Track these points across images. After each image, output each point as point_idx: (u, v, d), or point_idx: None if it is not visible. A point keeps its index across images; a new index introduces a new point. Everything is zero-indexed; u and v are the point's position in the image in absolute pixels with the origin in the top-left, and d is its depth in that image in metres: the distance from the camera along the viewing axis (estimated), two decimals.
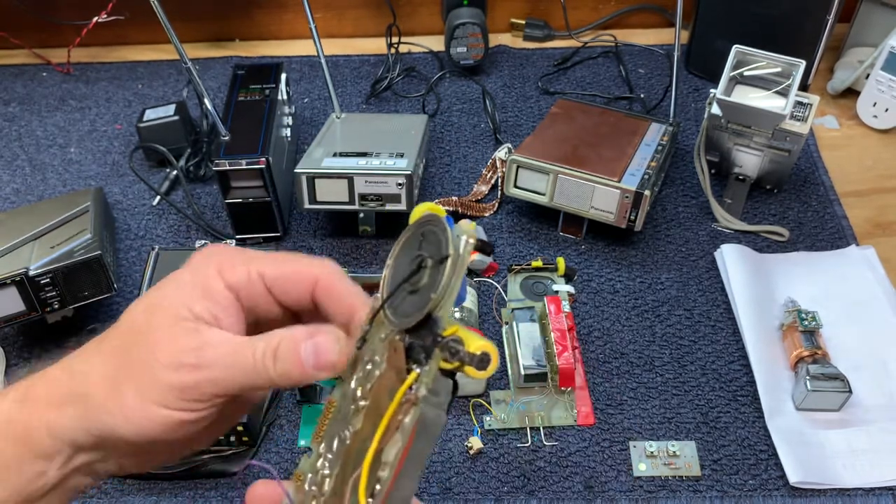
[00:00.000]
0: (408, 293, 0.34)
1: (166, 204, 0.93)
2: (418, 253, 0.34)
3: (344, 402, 0.36)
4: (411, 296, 0.34)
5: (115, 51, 1.16)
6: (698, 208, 0.90)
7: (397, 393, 0.32)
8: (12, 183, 0.97)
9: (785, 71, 0.83)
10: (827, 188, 0.92)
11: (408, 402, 0.32)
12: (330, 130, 0.91)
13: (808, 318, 0.74)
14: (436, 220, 0.35)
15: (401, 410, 0.32)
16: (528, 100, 1.06)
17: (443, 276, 0.33)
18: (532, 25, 1.16)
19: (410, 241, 0.36)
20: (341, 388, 0.37)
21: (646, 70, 1.10)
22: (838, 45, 1.07)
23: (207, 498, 0.67)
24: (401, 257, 0.36)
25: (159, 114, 0.96)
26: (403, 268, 0.35)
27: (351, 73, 1.11)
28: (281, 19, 1.17)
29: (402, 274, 0.35)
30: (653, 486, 0.67)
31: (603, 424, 0.71)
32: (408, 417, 0.32)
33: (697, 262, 0.85)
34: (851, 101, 1.02)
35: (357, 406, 0.35)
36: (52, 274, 0.71)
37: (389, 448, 0.32)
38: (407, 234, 0.36)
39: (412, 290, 0.34)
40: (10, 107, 1.08)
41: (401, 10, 1.13)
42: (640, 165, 0.84)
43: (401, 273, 0.35)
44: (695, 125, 1.00)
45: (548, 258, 0.84)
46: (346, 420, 0.35)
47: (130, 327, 0.36)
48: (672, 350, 0.77)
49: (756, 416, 0.71)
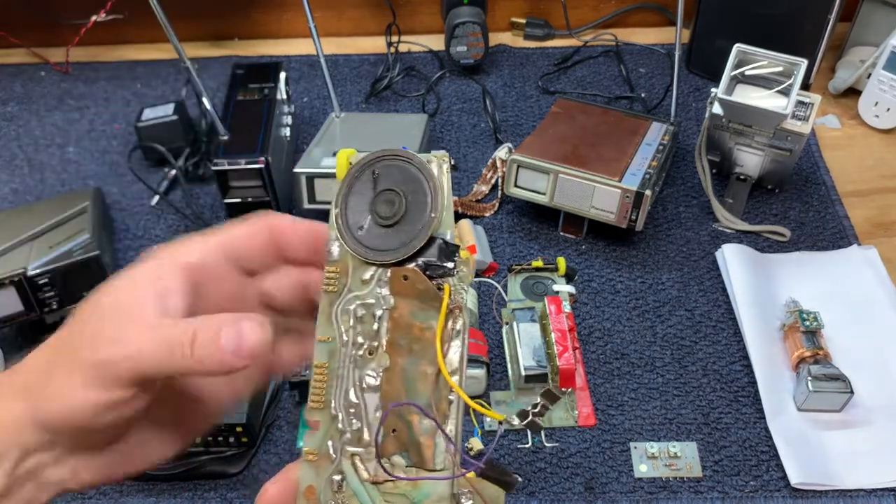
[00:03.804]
0: (382, 228, 0.36)
1: (165, 204, 0.92)
2: (387, 188, 0.36)
3: (336, 359, 0.36)
4: (388, 229, 0.36)
5: (114, 50, 1.16)
6: (699, 208, 0.90)
7: (441, 308, 0.35)
8: (10, 183, 0.97)
9: (786, 70, 0.83)
10: (828, 188, 0.92)
11: (454, 310, 0.35)
12: (329, 130, 0.91)
13: (809, 319, 0.74)
14: (391, 155, 0.36)
15: (450, 319, 0.35)
16: (529, 99, 1.06)
17: (433, 197, 0.35)
18: (532, 24, 1.15)
19: (359, 184, 0.37)
20: (325, 348, 0.37)
21: (646, 69, 1.10)
22: (840, 45, 1.06)
23: (207, 499, 0.67)
24: (353, 200, 0.37)
25: (158, 113, 0.95)
26: (360, 209, 0.36)
27: (350, 73, 1.11)
28: (280, 18, 1.17)
29: (361, 215, 0.36)
30: (654, 487, 0.67)
31: (604, 425, 0.71)
32: (459, 322, 0.35)
33: (698, 263, 0.84)
34: (853, 101, 1.02)
35: (371, 347, 0.36)
36: (51, 274, 0.71)
37: (452, 355, 0.35)
38: (352, 177, 0.37)
39: (386, 224, 0.36)
40: (8, 106, 1.08)
41: (401, 9, 1.13)
42: (641, 165, 0.83)
43: (359, 215, 0.36)
44: (696, 125, 0.99)
45: (548, 258, 0.84)
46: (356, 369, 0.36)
47: (75, 318, 0.36)
48: (673, 350, 0.77)
49: (757, 416, 0.71)
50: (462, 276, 0.35)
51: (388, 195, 0.36)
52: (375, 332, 0.36)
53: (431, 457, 0.35)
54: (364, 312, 0.36)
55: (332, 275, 0.37)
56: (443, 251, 0.35)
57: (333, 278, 0.37)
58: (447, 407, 0.35)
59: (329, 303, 0.37)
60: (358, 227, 0.36)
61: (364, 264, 0.36)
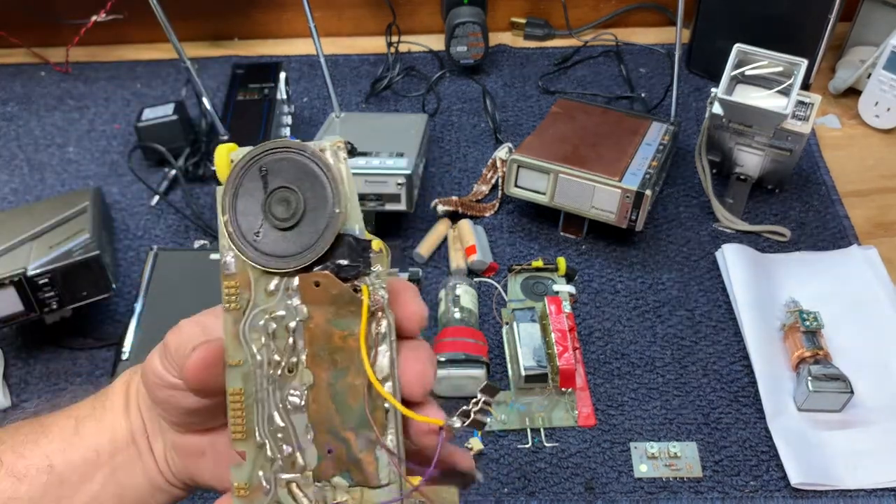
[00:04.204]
0: (280, 231, 0.32)
1: (165, 204, 0.92)
2: (280, 185, 0.32)
3: (252, 382, 0.33)
4: (287, 232, 0.32)
5: (114, 50, 1.16)
6: (699, 208, 0.90)
7: (362, 312, 0.32)
8: (10, 183, 0.97)
9: (786, 70, 0.83)
10: (828, 188, 0.92)
11: (376, 311, 0.32)
12: (329, 130, 0.91)
13: (809, 319, 0.74)
14: (279, 147, 0.32)
15: (373, 322, 0.32)
16: (529, 99, 1.05)
17: (334, 189, 0.32)
18: (532, 24, 1.15)
19: (247, 184, 0.33)
20: (238, 372, 0.34)
21: (647, 69, 1.10)
22: (840, 45, 1.06)
23: (206, 499, 0.67)
24: (242, 203, 0.33)
25: (158, 113, 0.95)
26: (252, 212, 0.33)
27: (350, 73, 1.11)
28: (280, 18, 1.17)
29: (255, 219, 0.32)
30: (654, 488, 0.67)
31: (604, 425, 0.71)
32: (383, 324, 0.32)
33: (699, 263, 0.84)
34: (853, 101, 1.02)
35: (289, 365, 0.33)
36: (51, 274, 0.71)
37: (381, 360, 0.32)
38: (237, 176, 0.33)
39: (285, 227, 0.32)
40: (8, 106, 1.08)
41: (400, 9, 1.13)
42: (641, 165, 0.83)
43: (252, 219, 0.32)
44: (696, 125, 0.99)
45: (548, 258, 0.84)
46: (277, 390, 0.33)
47: None
48: (673, 351, 0.77)
49: (757, 416, 0.71)
50: (379, 273, 0.32)
51: (281, 193, 0.32)
52: (292, 348, 0.33)
53: (375, 473, 0.33)
54: (275, 327, 0.33)
55: (232, 290, 0.33)
56: (353, 249, 0.32)
57: (234, 294, 0.33)
58: (384, 416, 0.33)
59: (233, 321, 0.33)
60: (253, 234, 0.33)
61: (266, 274, 0.33)
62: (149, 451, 0.41)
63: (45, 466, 0.39)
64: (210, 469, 0.40)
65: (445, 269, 0.84)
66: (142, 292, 0.74)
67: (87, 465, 0.40)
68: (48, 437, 0.40)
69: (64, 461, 0.40)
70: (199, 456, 0.40)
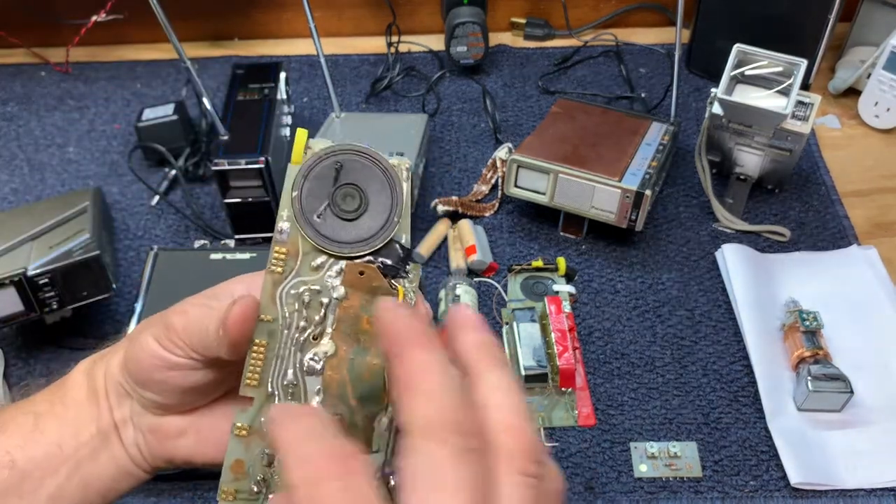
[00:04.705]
0: (340, 220, 0.36)
1: (165, 204, 0.92)
2: (349, 182, 0.36)
3: (276, 340, 0.37)
4: (346, 222, 0.36)
5: (114, 50, 1.16)
6: (699, 208, 0.90)
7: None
8: (10, 183, 0.97)
9: (786, 70, 0.83)
10: (828, 188, 0.92)
11: None
12: (329, 130, 0.91)
13: (809, 319, 0.74)
14: (358, 150, 0.36)
15: None
16: (529, 99, 1.06)
17: (397, 200, 0.37)
18: (532, 24, 1.15)
19: (320, 171, 0.36)
20: (266, 328, 0.37)
21: (647, 69, 1.10)
22: (840, 45, 1.06)
23: (207, 499, 0.67)
24: (311, 185, 0.36)
25: (158, 113, 0.95)
26: (318, 198, 0.36)
27: (350, 73, 1.11)
28: (280, 18, 1.17)
29: (319, 202, 0.36)
30: (654, 487, 0.67)
31: (604, 425, 0.71)
32: None
33: (698, 262, 0.84)
34: (853, 101, 1.02)
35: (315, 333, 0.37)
36: (51, 274, 0.71)
37: None
38: (314, 162, 0.36)
39: (346, 218, 0.36)
40: (8, 106, 1.08)
41: (400, 9, 1.13)
42: (641, 165, 0.83)
43: (317, 201, 0.36)
44: (696, 125, 0.99)
45: (548, 258, 0.84)
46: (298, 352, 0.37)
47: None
48: (673, 350, 0.77)
49: (757, 416, 0.71)
50: (412, 279, 0.37)
51: (348, 189, 0.36)
52: (321, 319, 0.37)
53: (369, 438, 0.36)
54: (310, 298, 0.37)
55: (280, 255, 0.37)
56: (398, 254, 0.37)
57: (281, 260, 0.37)
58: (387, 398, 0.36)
59: (273, 283, 0.37)
60: (315, 214, 0.36)
61: (317, 251, 0.37)
62: (118, 440, 0.42)
63: (7, 461, 0.40)
64: (190, 447, 0.42)
65: (445, 269, 0.84)
66: (142, 292, 0.74)
67: (51, 460, 0.40)
68: (6, 434, 0.41)
69: (25, 457, 0.40)
70: (178, 436, 0.41)
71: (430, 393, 0.28)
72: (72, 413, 0.41)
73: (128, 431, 0.42)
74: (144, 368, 0.39)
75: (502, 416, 0.29)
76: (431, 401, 0.28)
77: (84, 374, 0.42)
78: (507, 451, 0.28)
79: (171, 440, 0.42)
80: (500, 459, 0.28)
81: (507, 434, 0.28)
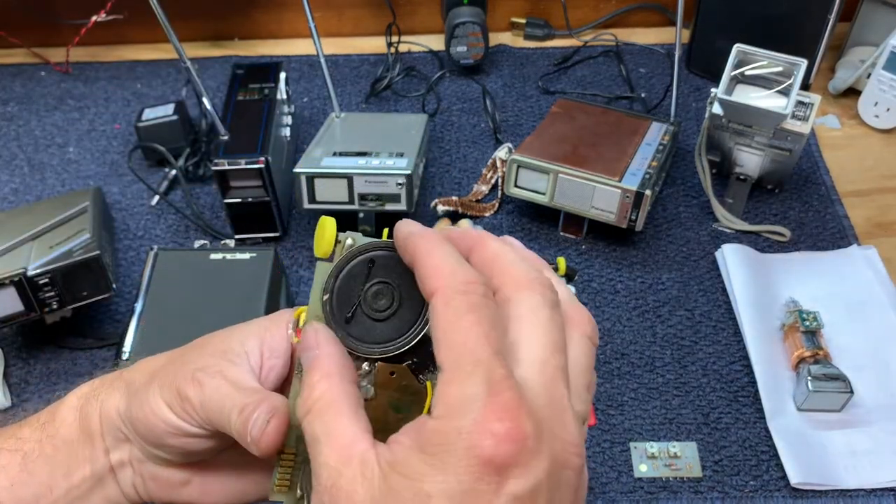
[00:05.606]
0: (371, 320, 0.35)
1: (165, 204, 0.92)
2: (381, 280, 0.35)
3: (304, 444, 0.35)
4: (377, 322, 0.35)
5: (114, 50, 1.16)
6: (699, 208, 0.90)
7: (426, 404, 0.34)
8: (10, 183, 0.97)
9: (786, 70, 0.83)
10: (828, 188, 0.92)
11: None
12: (329, 130, 0.91)
13: (809, 319, 0.74)
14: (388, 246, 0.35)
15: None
16: (529, 99, 1.06)
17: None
18: (532, 24, 1.15)
19: (352, 269, 0.35)
20: (294, 434, 0.36)
21: (646, 69, 1.10)
22: (840, 45, 1.06)
23: None
24: (343, 285, 0.35)
25: (158, 113, 0.95)
26: (349, 298, 0.35)
27: (350, 73, 1.11)
28: (280, 18, 1.17)
29: (350, 302, 0.35)
30: (654, 488, 0.67)
31: (604, 425, 0.71)
32: None
33: (698, 263, 0.84)
34: (853, 101, 1.02)
35: None
36: (51, 274, 0.71)
37: None
38: (347, 261, 0.35)
39: (377, 318, 0.35)
40: (8, 106, 1.08)
41: (400, 9, 1.13)
42: (641, 165, 0.83)
43: (348, 302, 0.35)
44: (696, 125, 0.99)
45: (548, 258, 0.83)
46: None
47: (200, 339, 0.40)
48: (673, 350, 0.77)
49: (757, 416, 0.71)
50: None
51: (380, 287, 0.35)
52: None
53: None
54: None
55: None
56: (428, 351, 0.34)
57: None
58: None
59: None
60: (346, 315, 0.35)
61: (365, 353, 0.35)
62: (113, 481, 0.41)
63: None
64: (194, 494, 0.41)
65: None
66: (142, 292, 0.74)
67: (40, 500, 0.39)
68: None
69: (13, 498, 0.39)
70: (182, 485, 0.41)
71: (448, 254, 0.33)
72: (62, 454, 0.40)
73: (125, 473, 0.41)
74: (158, 434, 0.38)
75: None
76: (447, 262, 0.32)
77: (75, 411, 0.41)
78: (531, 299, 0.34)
79: (175, 488, 0.41)
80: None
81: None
